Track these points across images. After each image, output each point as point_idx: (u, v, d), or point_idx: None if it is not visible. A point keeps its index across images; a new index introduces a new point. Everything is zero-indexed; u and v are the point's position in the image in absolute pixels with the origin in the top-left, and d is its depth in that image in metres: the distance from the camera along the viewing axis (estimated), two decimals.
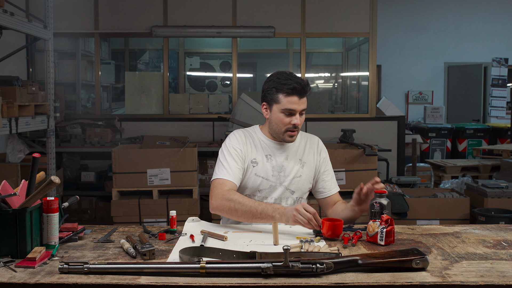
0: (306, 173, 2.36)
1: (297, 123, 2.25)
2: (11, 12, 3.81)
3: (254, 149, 2.34)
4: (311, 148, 2.42)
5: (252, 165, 2.32)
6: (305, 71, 6.44)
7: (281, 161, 2.33)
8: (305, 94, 2.24)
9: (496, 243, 1.89)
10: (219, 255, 1.68)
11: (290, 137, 2.29)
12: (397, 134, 6.41)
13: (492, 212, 4.57)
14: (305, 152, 2.40)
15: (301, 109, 2.25)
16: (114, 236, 1.99)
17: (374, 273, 1.54)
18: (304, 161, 2.37)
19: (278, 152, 2.35)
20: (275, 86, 2.23)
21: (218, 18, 6.30)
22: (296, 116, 2.24)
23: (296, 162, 2.35)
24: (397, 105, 8.59)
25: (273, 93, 2.24)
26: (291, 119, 2.24)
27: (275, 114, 2.26)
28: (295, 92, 2.20)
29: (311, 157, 2.40)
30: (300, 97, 2.22)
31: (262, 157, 2.33)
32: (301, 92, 2.21)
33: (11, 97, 3.92)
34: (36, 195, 1.72)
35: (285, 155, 2.35)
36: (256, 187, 2.31)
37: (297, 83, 2.20)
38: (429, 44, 9.70)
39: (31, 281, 1.49)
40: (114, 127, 6.06)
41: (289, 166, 2.33)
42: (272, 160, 2.33)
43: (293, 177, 2.33)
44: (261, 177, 2.30)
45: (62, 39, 6.26)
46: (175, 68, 7.58)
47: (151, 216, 4.70)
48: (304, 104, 2.25)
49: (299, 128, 2.30)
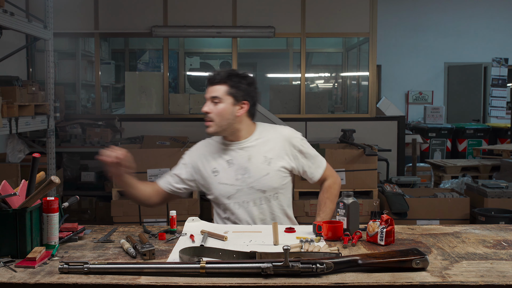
0: (274, 170, 2.28)
1: (204, 110, 2.26)
2: (11, 12, 3.81)
3: (212, 159, 2.33)
4: (278, 142, 2.32)
5: (214, 175, 2.31)
6: (305, 71, 6.44)
7: (244, 162, 2.28)
8: (215, 82, 2.24)
9: (496, 243, 1.89)
10: (219, 255, 1.68)
11: (206, 128, 2.28)
12: (397, 134, 6.41)
13: (492, 212, 4.58)
14: (271, 148, 2.31)
15: (210, 96, 2.25)
16: (114, 236, 1.99)
17: (374, 273, 1.54)
18: (270, 158, 2.29)
19: (238, 154, 2.30)
20: None
21: (218, 18, 6.30)
22: (206, 104, 2.27)
23: (260, 160, 2.29)
24: (397, 105, 8.59)
25: None
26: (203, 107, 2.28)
27: None
28: (208, 82, 2.28)
29: (279, 153, 2.31)
30: (210, 85, 2.26)
31: (223, 164, 2.30)
32: (210, 80, 2.26)
33: (11, 97, 3.92)
34: (36, 195, 1.72)
35: (247, 155, 2.29)
36: (225, 195, 2.29)
37: (210, 74, 2.27)
38: (429, 44, 9.70)
39: (31, 281, 1.49)
40: (114, 127, 6.06)
41: (252, 166, 2.28)
42: (234, 165, 2.29)
43: (259, 177, 2.27)
44: (225, 184, 2.28)
45: (62, 39, 6.26)
46: (175, 68, 7.58)
47: (151, 216, 4.70)
48: (214, 92, 2.24)
49: (215, 119, 2.25)
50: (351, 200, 1.99)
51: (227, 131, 2.29)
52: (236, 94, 2.25)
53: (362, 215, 4.57)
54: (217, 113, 2.23)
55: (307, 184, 2.50)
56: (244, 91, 2.27)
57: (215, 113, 2.24)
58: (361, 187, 4.85)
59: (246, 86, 2.28)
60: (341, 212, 2.00)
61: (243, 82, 2.27)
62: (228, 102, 2.24)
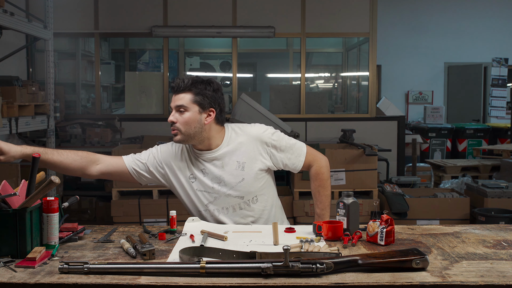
0: (249, 174, 2.22)
1: (170, 120, 2.17)
2: (11, 12, 3.81)
3: (187, 166, 2.28)
4: (249, 145, 2.24)
5: (191, 181, 2.28)
6: (305, 71, 6.44)
7: (217, 171, 2.23)
8: (179, 90, 2.16)
9: (496, 243, 1.89)
10: (219, 255, 1.68)
11: (174, 136, 2.18)
12: (397, 134, 6.42)
13: (492, 212, 4.58)
14: (243, 152, 2.23)
15: (175, 105, 2.16)
16: (114, 236, 1.99)
17: (374, 273, 1.54)
18: (243, 161, 2.22)
19: (210, 164, 2.24)
20: None
21: (218, 18, 6.30)
22: (172, 113, 2.19)
23: (234, 166, 2.22)
24: (397, 105, 8.59)
25: None
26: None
27: None
28: (172, 90, 2.21)
29: (251, 155, 2.23)
30: (175, 93, 2.17)
31: (197, 173, 2.26)
32: (175, 89, 2.17)
33: (11, 97, 3.92)
34: (36, 195, 1.72)
35: (220, 163, 2.23)
36: (204, 202, 2.27)
37: (176, 82, 2.19)
38: (429, 44, 9.70)
39: (31, 281, 1.49)
40: (114, 127, 6.07)
41: (226, 174, 2.22)
42: (208, 174, 2.25)
43: (234, 184, 2.23)
44: (203, 191, 2.26)
45: (62, 39, 6.26)
46: (175, 68, 7.58)
47: (151, 216, 4.70)
48: (179, 100, 2.14)
49: (182, 129, 2.15)
50: (351, 200, 1.99)
51: (195, 140, 2.19)
52: (202, 101, 2.15)
53: (362, 215, 4.57)
54: (183, 122, 2.14)
55: (307, 184, 2.49)
56: (210, 98, 2.17)
57: (181, 123, 2.14)
58: (361, 187, 4.85)
59: (212, 93, 2.17)
60: (341, 212, 2.00)
61: (208, 89, 2.17)
62: (194, 111, 2.15)
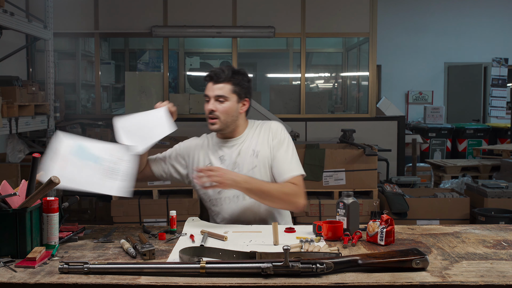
0: (261, 162, 2.29)
1: (209, 108, 2.26)
2: (11, 12, 3.81)
3: (206, 155, 2.36)
4: (264, 135, 2.34)
5: None
6: (305, 71, 6.44)
7: (234, 157, 2.31)
8: (219, 80, 2.25)
9: (496, 243, 1.89)
10: (219, 255, 1.68)
11: (211, 125, 2.29)
12: (397, 134, 6.41)
13: (492, 212, 4.58)
14: (258, 141, 2.33)
15: (215, 95, 2.25)
16: (114, 236, 1.99)
17: (374, 273, 1.54)
18: (257, 150, 2.31)
19: (230, 150, 2.33)
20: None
21: (218, 18, 6.30)
22: (210, 102, 2.27)
23: (249, 154, 2.31)
24: (397, 105, 8.59)
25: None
26: (207, 105, 2.28)
27: None
28: (209, 78, 2.28)
29: (264, 144, 2.32)
30: (214, 83, 2.26)
31: (215, 161, 2.33)
32: (213, 78, 2.26)
33: (11, 97, 3.92)
34: (36, 195, 1.72)
35: (238, 150, 2.32)
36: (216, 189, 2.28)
37: (212, 71, 2.28)
38: (429, 44, 9.70)
39: (31, 281, 1.49)
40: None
41: (242, 160, 2.30)
42: (225, 160, 2.32)
43: (247, 170, 2.27)
44: None
45: (62, 39, 6.26)
46: (175, 68, 7.58)
47: (151, 216, 4.70)
48: (219, 90, 2.25)
49: (221, 117, 2.25)
50: (351, 200, 1.99)
51: (230, 128, 2.31)
52: (240, 92, 2.28)
53: (362, 215, 4.57)
54: (223, 111, 2.25)
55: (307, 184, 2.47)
56: (246, 88, 2.31)
57: (221, 111, 2.25)
58: (361, 187, 4.85)
59: (248, 84, 2.32)
60: (341, 212, 2.00)
61: (245, 80, 2.30)
62: (233, 100, 2.27)
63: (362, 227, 2.01)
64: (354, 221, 1.99)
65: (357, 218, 2.00)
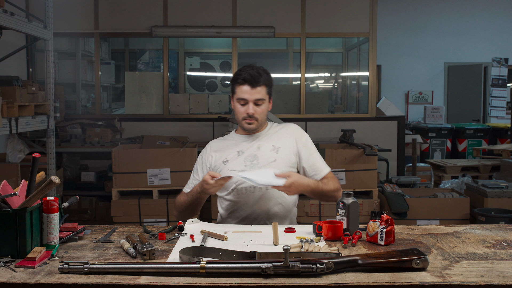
0: (281, 158, 2.35)
1: (250, 113, 2.30)
2: (11, 12, 3.81)
3: (223, 152, 2.40)
4: (286, 134, 2.43)
5: (223, 164, 2.38)
6: (305, 71, 6.44)
7: (253, 151, 2.37)
8: (257, 84, 2.29)
9: (496, 243, 1.89)
10: (219, 255, 1.68)
11: (248, 125, 2.34)
12: (397, 134, 6.41)
13: (492, 212, 4.57)
14: (280, 138, 2.41)
15: (254, 99, 2.29)
16: (114, 236, 1.99)
17: (374, 273, 1.54)
18: (278, 146, 2.38)
19: (249, 144, 2.39)
20: (233, 78, 2.35)
21: (218, 18, 6.30)
22: (249, 106, 2.30)
23: (269, 148, 2.37)
24: (397, 105, 8.59)
25: (232, 85, 2.36)
26: (245, 109, 2.31)
27: (234, 104, 2.37)
28: (246, 82, 2.29)
29: (286, 143, 2.40)
30: (252, 87, 2.28)
31: (233, 155, 2.37)
32: (252, 82, 2.28)
33: (11, 97, 3.92)
34: (36, 195, 1.72)
35: (257, 145, 2.39)
36: (233, 181, 2.31)
37: (248, 74, 2.28)
38: (429, 44, 9.70)
39: (31, 281, 1.49)
40: (114, 127, 6.06)
41: (261, 153, 2.36)
42: (243, 153, 2.37)
43: (267, 163, 2.33)
44: (233, 170, 2.33)
45: (62, 39, 6.26)
46: (175, 68, 7.58)
47: (151, 216, 4.70)
48: (258, 94, 2.29)
49: (259, 118, 2.34)
50: (351, 200, 2.00)
51: (261, 126, 2.41)
52: (270, 92, 2.37)
53: (362, 215, 4.57)
54: (261, 113, 2.34)
55: None
56: (272, 87, 2.40)
57: (259, 113, 2.34)
58: (361, 187, 4.85)
59: (272, 82, 2.40)
60: (341, 212, 2.00)
61: (271, 79, 2.38)
62: (267, 100, 2.37)
63: (362, 227, 2.01)
64: (354, 221, 1.99)
65: (357, 218, 2.00)
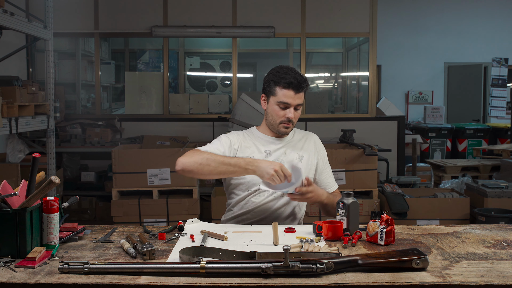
0: (304, 167, 2.37)
1: (291, 117, 2.30)
2: (11, 12, 3.81)
3: (253, 147, 2.38)
4: (309, 144, 2.46)
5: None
6: (305, 71, 6.43)
7: (279, 155, 2.37)
8: (301, 89, 2.28)
9: (496, 243, 1.89)
10: (219, 255, 1.68)
11: (285, 129, 2.34)
12: (397, 134, 6.41)
13: (492, 212, 4.57)
14: (304, 147, 2.44)
15: (296, 104, 2.29)
16: (114, 236, 1.99)
17: (374, 273, 1.54)
18: (302, 155, 2.41)
19: (276, 147, 2.39)
20: (273, 79, 2.30)
21: (218, 18, 6.30)
22: (290, 110, 2.29)
23: (294, 156, 2.39)
24: (397, 105, 8.59)
25: (271, 86, 2.31)
26: (285, 113, 2.30)
27: (271, 106, 2.32)
28: (291, 86, 2.26)
29: (309, 152, 2.44)
30: (296, 92, 2.27)
31: (260, 154, 2.36)
32: (297, 87, 2.26)
33: (11, 97, 3.92)
34: (36, 195, 1.72)
35: (284, 149, 2.39)
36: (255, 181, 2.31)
37: (294, 78, 2.25)
38: (429, 44, 9.70)
39: (31, 281, 1.49)
40: (114, 127, 6.07)
41: (287, 159, 2.36)
42: (271, 156, 2.36)
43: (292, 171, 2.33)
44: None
45: (62, 39, 6.26)
46: (175, 68, 7.58)
47: (151, 216, 4.70)
48: (299, 99, 2.29)
49: (294, 122, 2.35)
50: (351, 200, 2.00)
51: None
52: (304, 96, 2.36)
53: (362, 215, 4.57)
54: (297, 117, 2.34)
55: None
56: None
57: (296, 117, 2.33)
58: (361, 187, 4.85)
59: None
60: (341, 212, 2.00)
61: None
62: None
63: (362, 227, 2.01)
64: (354, 221, 1.99)
65: (357, 218, 2.00)
